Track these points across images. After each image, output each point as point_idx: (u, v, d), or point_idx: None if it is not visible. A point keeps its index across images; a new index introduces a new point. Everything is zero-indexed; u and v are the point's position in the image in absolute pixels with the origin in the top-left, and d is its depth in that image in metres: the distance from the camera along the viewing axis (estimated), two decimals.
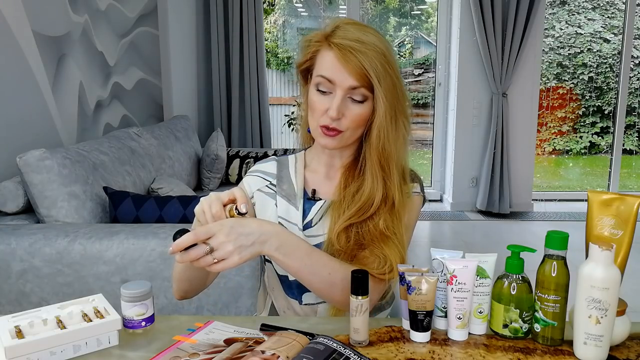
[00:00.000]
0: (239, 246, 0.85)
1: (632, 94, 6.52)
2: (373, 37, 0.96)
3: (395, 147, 1.00)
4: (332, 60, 0.96)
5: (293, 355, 0.77)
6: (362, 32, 0.96)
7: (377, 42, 0.95)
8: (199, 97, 4.34)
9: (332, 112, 0.96)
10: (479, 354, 0.84)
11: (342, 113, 0.97)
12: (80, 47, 2.48)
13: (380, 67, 0.94)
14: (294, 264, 0.91)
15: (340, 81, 0.96)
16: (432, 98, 4.76)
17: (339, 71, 0.95)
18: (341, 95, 0.96)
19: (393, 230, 1.00)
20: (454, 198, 4.46)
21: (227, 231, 0.85)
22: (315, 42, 1.00)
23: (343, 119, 0.98)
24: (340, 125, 0.98)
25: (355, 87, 0.96)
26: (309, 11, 5.53)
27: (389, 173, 1.00)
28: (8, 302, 1.59)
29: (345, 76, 0.95)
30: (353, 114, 0.98)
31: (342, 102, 0.97)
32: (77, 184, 1.85)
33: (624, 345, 0.88)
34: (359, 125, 1.00)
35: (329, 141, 1.00)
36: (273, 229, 0.90)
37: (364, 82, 0.95)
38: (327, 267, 0.93)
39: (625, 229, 0.87)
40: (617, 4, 6.66)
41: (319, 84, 0.99)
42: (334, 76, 0.96)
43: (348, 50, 0.93)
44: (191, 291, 1.05)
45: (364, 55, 0.93)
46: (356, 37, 0.94)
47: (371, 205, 1.00)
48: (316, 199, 1.08)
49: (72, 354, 0.83)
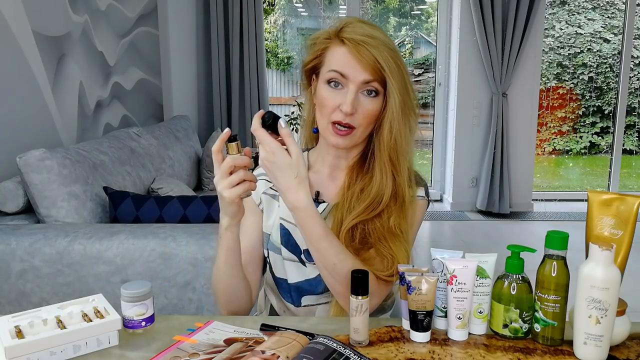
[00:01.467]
0: (272, 171, 0.88)
1: (632, 94, 6.52)
2: (381, 33, 0.97)
3: (406, 143, 0.99)
4: (344, 54, 0.96)
5: (293, 355, 0.77)
6: (371, 29, 0.96)
7: (386, 39, 0.96)
8: (199, 97, 4.34)
9: (346, 107, 0.95)
10: (479, 354, 0.84)
11: (355, 108, 0.96)
12: (80, 47, 2.48)
13: (392, 61, 0.95)
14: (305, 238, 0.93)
15: (353, 75, 0.95)
16: (432, 98, 4.76)
17: (351, 66, 0.95)
18: (354, 90, 0.96)
19: (400, 229, 0.99)
20: (454, 198, 4.46)
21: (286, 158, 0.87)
22: (323, 39, 1.00)
23: (356, 115, 0.97)
24: (353, 121, 0.97)
25: (368, 82, 0.96)
26: (309, 11, 5.53)
27: (399, 169, 1.00)
28: (8, 302, 1.59)
29: (359, 70, 0.95)
30: (365, 109, 0.97)
31: (356, 97, 0.96)
32: (77, 184, 1.85)
33: (624, 345, 0.88)
34: (370, 121, 0.99)
35: (340, 140, 0.99)
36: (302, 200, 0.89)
37: (377, 76, 0.95)
38: (336, 257, 0.93)
39: (625, 229, 0.87)
40: (617, 4, 6.66)
41: (330, 80, 0.98)
42: (346, 70, 0.95)
43: (361, 44, 0.94)
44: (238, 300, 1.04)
45: (376, 49, 0.94)
46: (367, 32, 0.95)
47: (380, 202, 0.99)
48: (319, 202, 1.08)
49: (72, 354, 0.83)
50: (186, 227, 1.68)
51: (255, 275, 1.10)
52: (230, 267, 0.98)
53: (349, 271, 0.91)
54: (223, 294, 1.02)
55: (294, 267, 1.05)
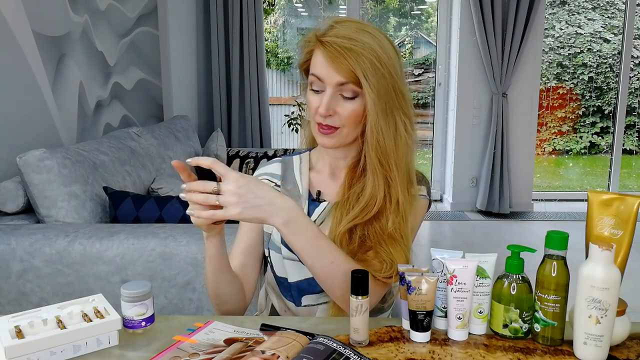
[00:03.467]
0: (245, 202, 0.84)
1: (632, 94, 6.52)
2: (368, 34, 0.95)
3: (393, 144, 0.98)
4: (321, 58, 0.97)
5: (293, 355, 0.77)
6: (356, 30, 0.95)
7: (370, 40, 0.95)
8: (199, 97, 4.34)
9: (321, 108, 0.97)
10: (479, 354, 0.84)
11: (333, 110, 0.98)
12: (80, 47, 2.48)
13: (367, 62, 0.94)
14: (298, 243, 0.91)
15: (328, 78, 0.96)
16: (432, 98, 4.76)
17: (326, 68, 0.96)
18: (330, 92, 0.97)
19: (400, 233, 0.99)
20: (454, 198, 4.46)
21: (241, 183, 0.84)
22: (308, 42, 1.01)
23: (336, 116, 0.98)
24: (334, 122, 0.99)
25: (343, 83, 0.96)
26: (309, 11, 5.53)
27: (389, 170, 0.99)
28: (8, 302, 1.59)
29: (332, 73, 0.96)
30: (345, 110, 0.98)
31: (332, 99, 0.97)
32: (77, 184, 1.84)
33: (624, 345, 0.88)
34: (354, 122, 0.99)
35: (326, 140, 1.01)
36: (286, 203, 0.89)
37: (352, 78, 0.95)
38: (331, 256, 0.93)
39: (625, 229, 0.87)
40: (617, 4, 6.66)
41: (312, 83, 1.00)
42: (322, 74, 0.97)
43: (334, 47, 0.94)
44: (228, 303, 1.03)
45: (350, 51, 0.93)
46: (347, 34, 0.94)
47: (374, 205, 0.99)
48: (320, 201, 1.08)
49: (72, 354, 0.83)
50: (186, 227, 1.68)
51: (251, 277, 1.10)
52: (214, 273, 0.99)
53: (346, 270, 0.91)
54: (213, 297, 1.03)
55: (294, 266, 1.05)
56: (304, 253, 0.92)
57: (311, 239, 0.91)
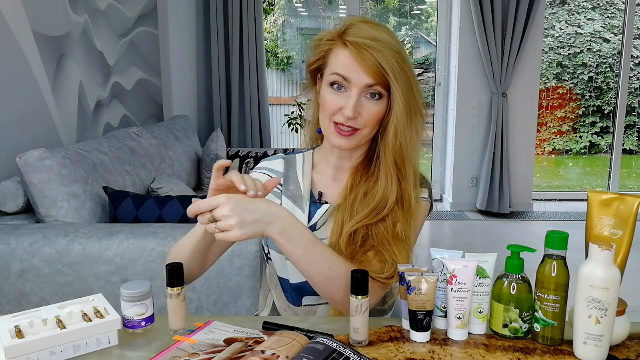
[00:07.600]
0: (242, 221, 0.84)
1: (632, 94, 6.52)
2: (386, 35, 0.95)
3: (411, 147, 0.98)
4: (347, 58, 0.95)
5: (293, 355, 0.77)
6: (376, 30, 0.95)
7: (391, 40, 0.95)
8: (199, 97, 4.34)
9: (348, 111, 0.95)
10: (479, 354, 0.84)
11: (358, 112, 0.96)
12: (80, 47, 2.48)
13: (396, 64, 0.93)
14: (295, 251, 0.90)
15: (356, 79, 0.95)
16: (432, 98, 4.76)
17: (354, 69, 0.94)
18: (357, 94, 0.95)
19: (406, 234, 0.98)
20: (454, 198, 4.46)
21: (233, 206, 0.84)
22: (327, 41, 0.99)
23: (359, 118, 0.97)
24: (357, 123, 0.97)
25: (371, 85, 0.95)
26: (309, 11, 5.53)
27: (404, 174, 0.99)
28: (8, 302, 1.59)
29: (362, 75, 0.94)
30: (369, 112, 0.97)
31: (358, 101, 0.96)
32: (77, 184, 1.84)
33: (624, 345, 0.88)
34: (376, 123, 0.99)
35: (343, 142, 0.99)
36: (280, 212, 0.89)
37: (380, 80, 0.94)
38: (329, 261, 0.92)
39: (625, 229, 0.87)
40: (617, 4, 6.66)
41: (333, 83, 0.97)
42: (349, 74, 0.95)
43: (364, 48, 0.93)
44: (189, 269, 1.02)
45: (379, 52, 0.92)
46: (370, 35, 0.94)
47: (385, 207, 0.98)
48: (322, 202, 1.07)
49: (72, 354, 0.83)
50: (186, 227, 1.68)
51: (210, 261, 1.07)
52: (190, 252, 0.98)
53: (344, 274, 0.91)
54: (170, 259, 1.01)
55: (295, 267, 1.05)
56: (301, 261, 0.91)
57: (307, 245, 0.90)
